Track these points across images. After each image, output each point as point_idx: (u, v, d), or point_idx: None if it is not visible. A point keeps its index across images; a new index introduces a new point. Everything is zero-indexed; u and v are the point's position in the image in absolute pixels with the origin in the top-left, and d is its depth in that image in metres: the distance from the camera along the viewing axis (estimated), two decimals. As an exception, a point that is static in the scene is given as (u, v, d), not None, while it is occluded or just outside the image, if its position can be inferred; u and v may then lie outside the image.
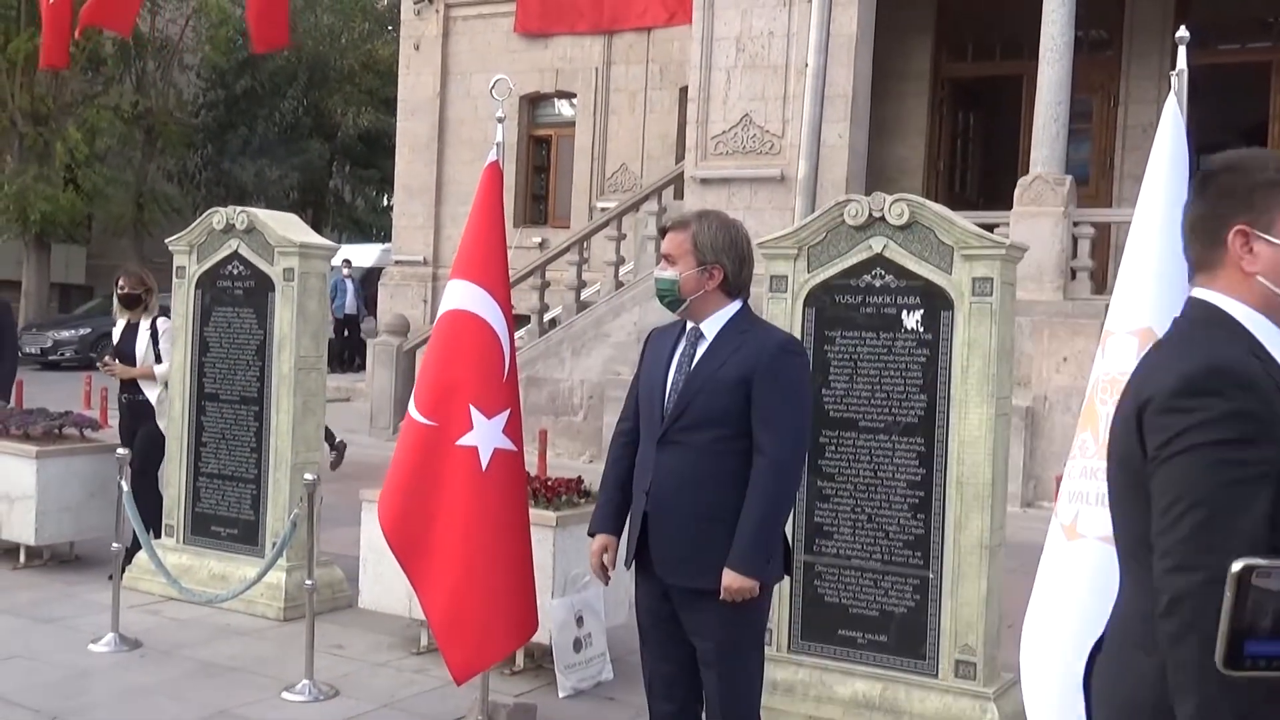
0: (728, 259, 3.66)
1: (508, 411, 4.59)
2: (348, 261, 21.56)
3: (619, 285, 14.31)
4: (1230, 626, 1.70)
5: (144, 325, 7.49)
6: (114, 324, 7.85)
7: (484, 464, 4.50)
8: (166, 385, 7.32)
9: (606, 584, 4.12)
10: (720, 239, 3.66)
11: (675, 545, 3.58)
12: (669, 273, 3.66)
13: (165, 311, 7.56)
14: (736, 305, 3.70)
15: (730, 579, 3.48)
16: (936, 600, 4.79)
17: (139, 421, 7.39)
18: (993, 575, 4.78)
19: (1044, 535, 3.94)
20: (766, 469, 3.49)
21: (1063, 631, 3.56)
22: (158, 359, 7.40)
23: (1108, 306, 3.88)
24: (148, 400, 7.38)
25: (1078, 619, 3.45)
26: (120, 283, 7.55)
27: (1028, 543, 8.63)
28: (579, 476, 6.13)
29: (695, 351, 3.66)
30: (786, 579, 4.16)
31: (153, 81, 29.50)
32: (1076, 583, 3.56)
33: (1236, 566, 1.70)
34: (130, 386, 7.51)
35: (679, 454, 3.58)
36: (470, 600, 4.46)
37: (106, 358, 7.62)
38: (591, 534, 3.86)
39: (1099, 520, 3.48)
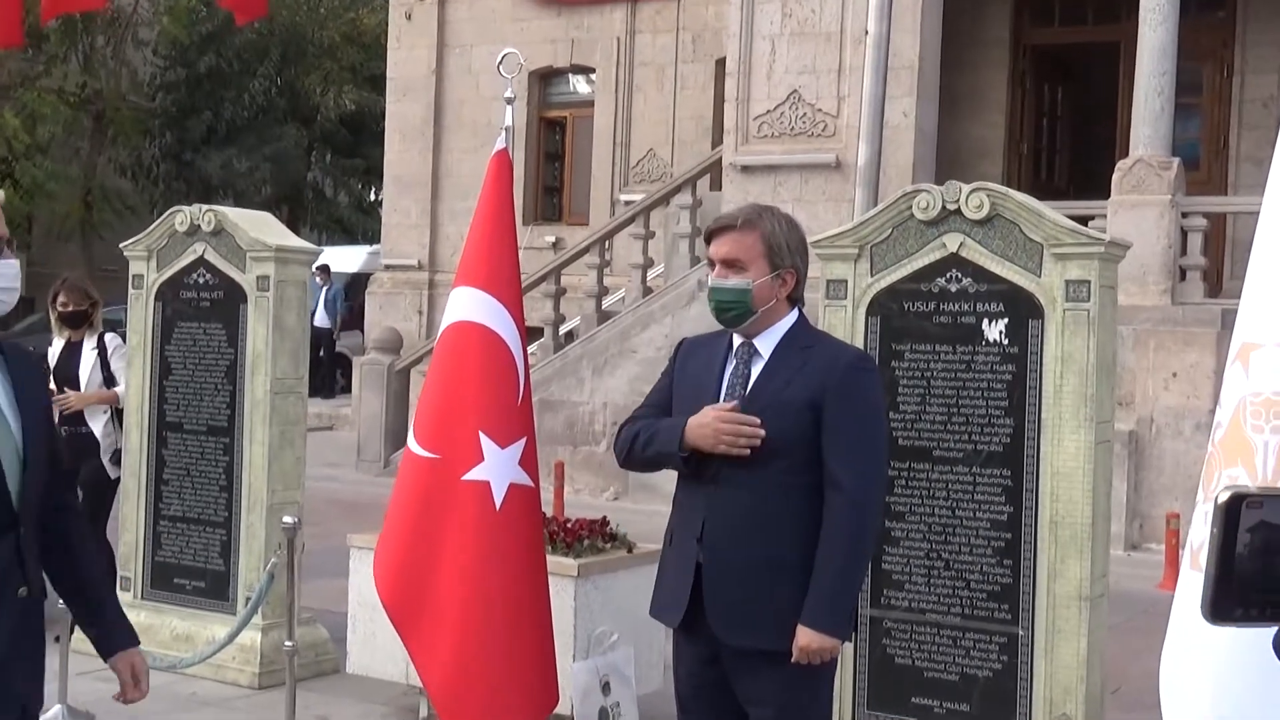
0: (801, 261, 3.67)
1: (523, 440, 4.57)
2: (323, 268, 21.36)
3: (647, 292, 14.33)
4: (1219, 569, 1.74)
5: (88, 345, 7.53)
6: (50, 344, 7.85)
7: (497, 502, 4.47)
8: (117, 415, 7.35)
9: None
10: (794, 238, 3.67)
11: (736, 600, 3.57)
12: (737, 281, 3.62)
13: (111, 327, 7.59)
14: (794, 315, 3.70)
15: (809, 638, 3.47)
16: (1028, 662, 4.75)
17: (82, 458, 7.38)
18: (1094, 631, 4.74)
19: (1152, 583, 3.90)
20: (846, 507, 3.49)
21: (1210, 710, 3.48)
22: (106, 383, 7.44)
23: (1226, 312, 3.84)
24: (92, 432, 7.42)
25: (1228, 699, 3.39)
26: (61, 298, 7.58)
27: (1133, 592, 8.62)
28: (603, 517, 6.13)
29: (750, 370, 3.65)
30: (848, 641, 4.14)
31: (103, 60, 29.78)
32: (1233, 654, 3.49)
33: (1224, 496, 1.75)
34: (73, 418, 7.47)
35: (736, 493, 3.57)
36: (479, 664, 4.43)
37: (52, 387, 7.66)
38: (680, 434, 3.61)
39: None
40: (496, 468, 4.50)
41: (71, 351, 7.57)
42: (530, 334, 9.55)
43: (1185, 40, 12.66)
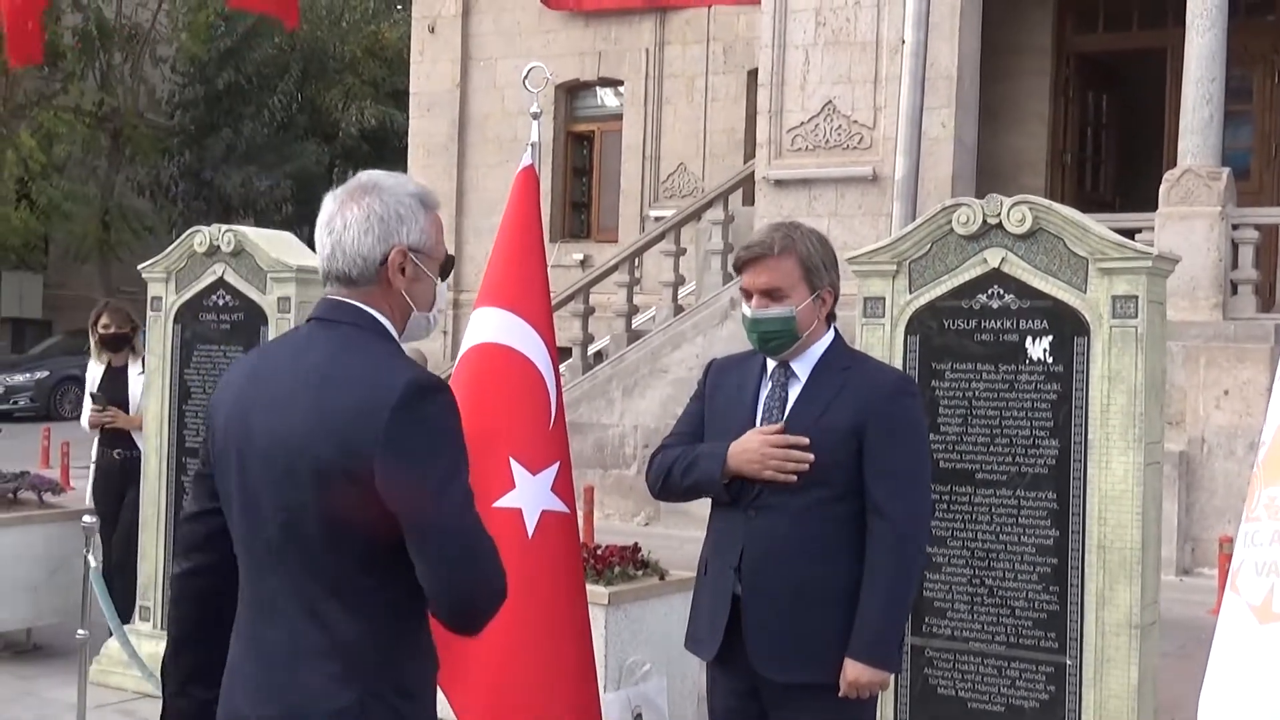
0: (836, 277, 3.67)
1: (556, 465, 4.56)
2: None
3: (678, 310, 14.34)
4: None
5: (134, 369, 7.71)
6: (85, 367, 8.01)
7: (530, 529, 4.46)
8: None
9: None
10: (827, 256, 3.66)
11: (777, 632, 3.56)
12: (779, 309, 3.59)
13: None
14: (830, 335, 3.69)
15: (858, 671, 3.46)
16: (1076, 692, 4.72)
17: (129, 482, 7.49)
18: (1144, 660, 4.71)
19: (1205, 609, 3.87)
20: (891, 535, 3.48)
21: None
22: None
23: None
24: (141, 454, 7.43)
25: None
26: (103, 320, 7.72)
27: (1186, 619, 8.55)
28: (634, 544, 6.12)
29: (787, 394, 3.64)
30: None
31: (120, 77, 30.06)
32: (1276, 679, 3.45)
33: None
34: (124, 441, 7.69)
35: (775, 521, 3.56)
36: (518, 694, 4.40)
37: (95, 405, 7.72)
38: (720, 464, 3.62)
39: None
40: (528, 495, 4.49)
41: (116, 375, 7.73)
42: (558, 354, 9.58)
43: (1234, 45, 12.61)
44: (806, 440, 3.51)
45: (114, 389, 7.72)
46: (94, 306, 8.12)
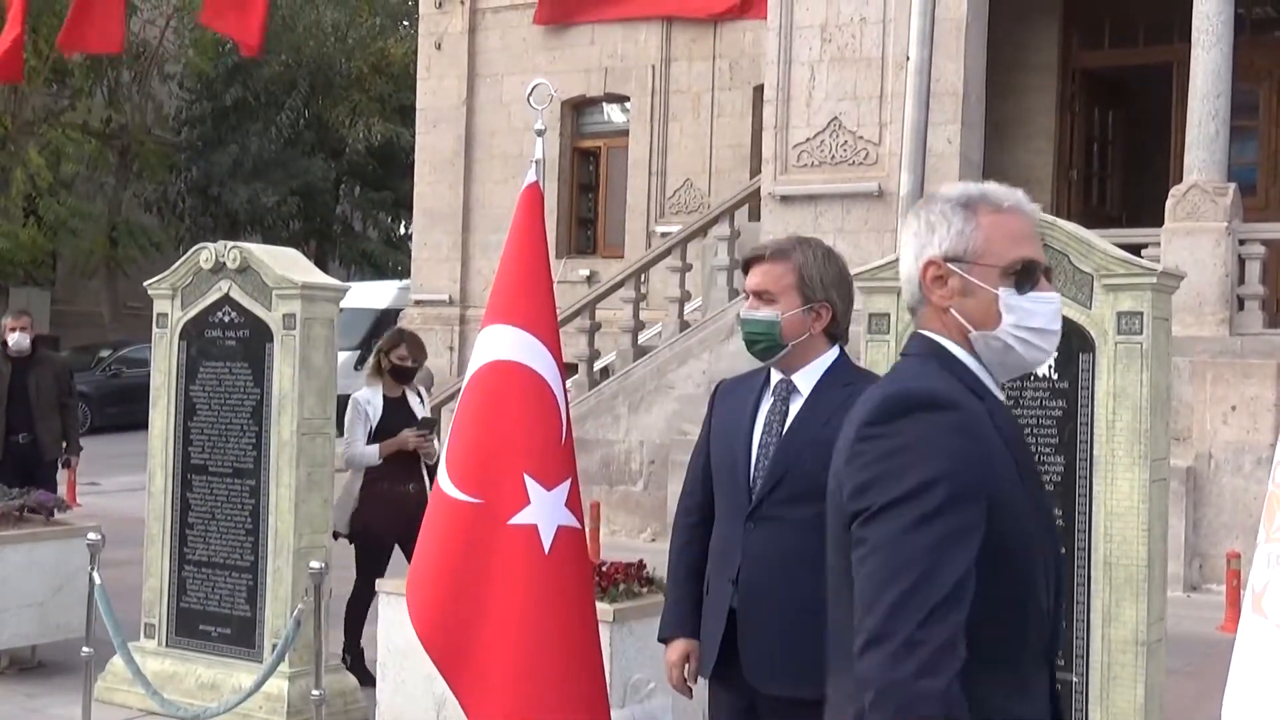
0: (838, 295, 3.67)
1: (568, 481, 4.58)
2: None
3: (684, 326, 14.34)
4: None
5: (413, 398, 7.67)
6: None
7: (546, 545, 4.47)
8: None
9: (690, 697, 4.06)
10: (830, 271, 3.66)
11: (773, 645, 3.55)
12: (766, 313, 3.64)
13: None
14: (835, 352, 3.69)
15: None
16: (1082, 710, 4.70)
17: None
18: (1151, 678, 4.69)
19: (1213, 625, 3.86)
20: None
21: None
22: None
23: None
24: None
25: None
26: (399, 351, 7.51)
27: (1193, 635, 8.52)
28: (640, 560, 6.12)
29: (788, 408, 3.64)
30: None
31: (127, 94, 30.17)
32: None
33: None
34: (417, 473, 7.50)
35: (774, 533, 3.56)
36: (536, 709, 4.41)
37: (419, 431, 7.55)
38: (664, 639, 3.82)
39: None
40: (544, 511, 4.51)
41: (398, 405, 7.53)
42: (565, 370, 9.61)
43: (1240, 61, 12.62)
44: None
45: (402, 418, 7.50)
46: (387, 336, 7.79)
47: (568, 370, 13.66)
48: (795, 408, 3.64)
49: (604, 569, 5.84)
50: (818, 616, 3.51)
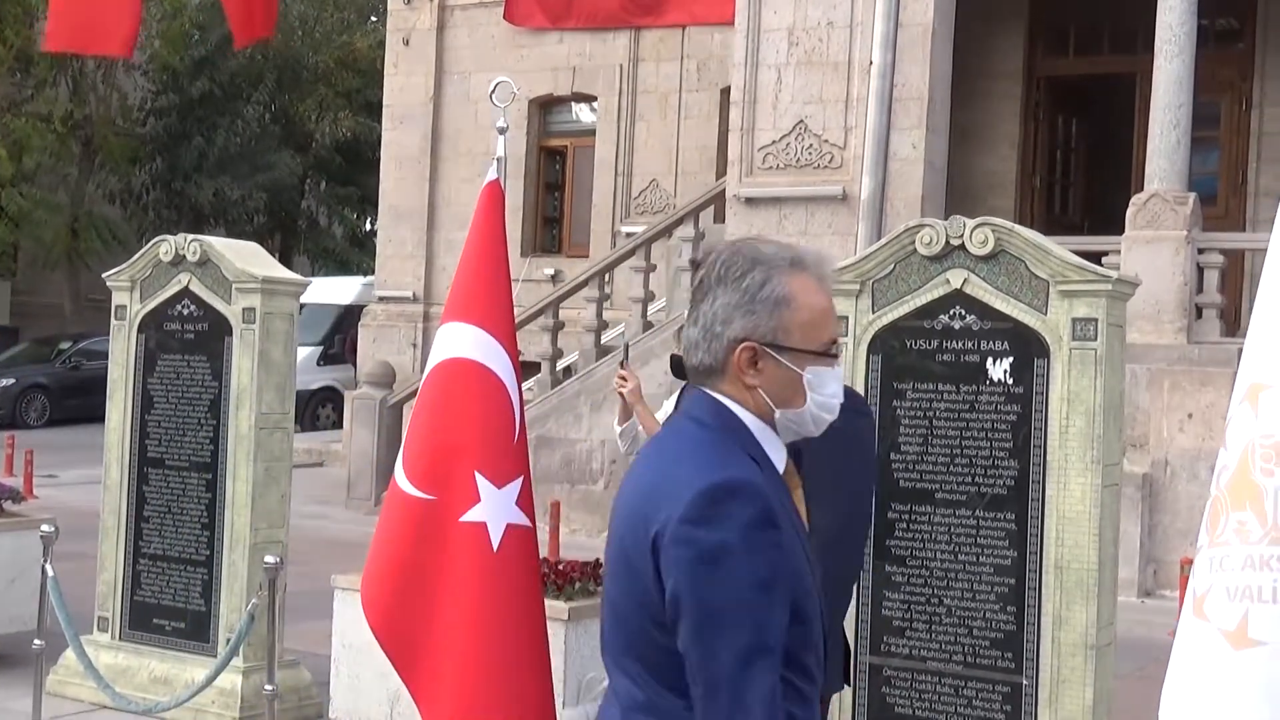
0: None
1: (520, 479, 4.60)
2: None
3: (647, 327, 14.35)
4: None
5: None
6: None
7: (495, 543, 4.50)
8: None
9: None
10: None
11: None
12: None
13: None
14: None
15: None
16: (1032, 712, 4.74)
17: None
18: (1101, 681, 4.73)
19: (1165, 630, 3.88)
20: (820, 550, 3.47)
21: None
22: None
23: (1244, 352, 3.82)
24: None
25: None
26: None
27: (1146, 640, 8.58)
28: (597, 559, 6.11)
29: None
30: (847, 688, 4.13)
31: (92, 85, 29.93)
32: (1254, 705, 3.46)
33: None
34: None
35: None
36: (484, 707, 4.43)
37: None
38: None
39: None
40: (493, 509, 4.53)
41: None
42: (527, 369, 9.58)
43: (1203, 72, 12.71)
44: None
45: None
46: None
47: (530, 369, 13.68)
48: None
49: (560, 567, 5.85)
50: None
